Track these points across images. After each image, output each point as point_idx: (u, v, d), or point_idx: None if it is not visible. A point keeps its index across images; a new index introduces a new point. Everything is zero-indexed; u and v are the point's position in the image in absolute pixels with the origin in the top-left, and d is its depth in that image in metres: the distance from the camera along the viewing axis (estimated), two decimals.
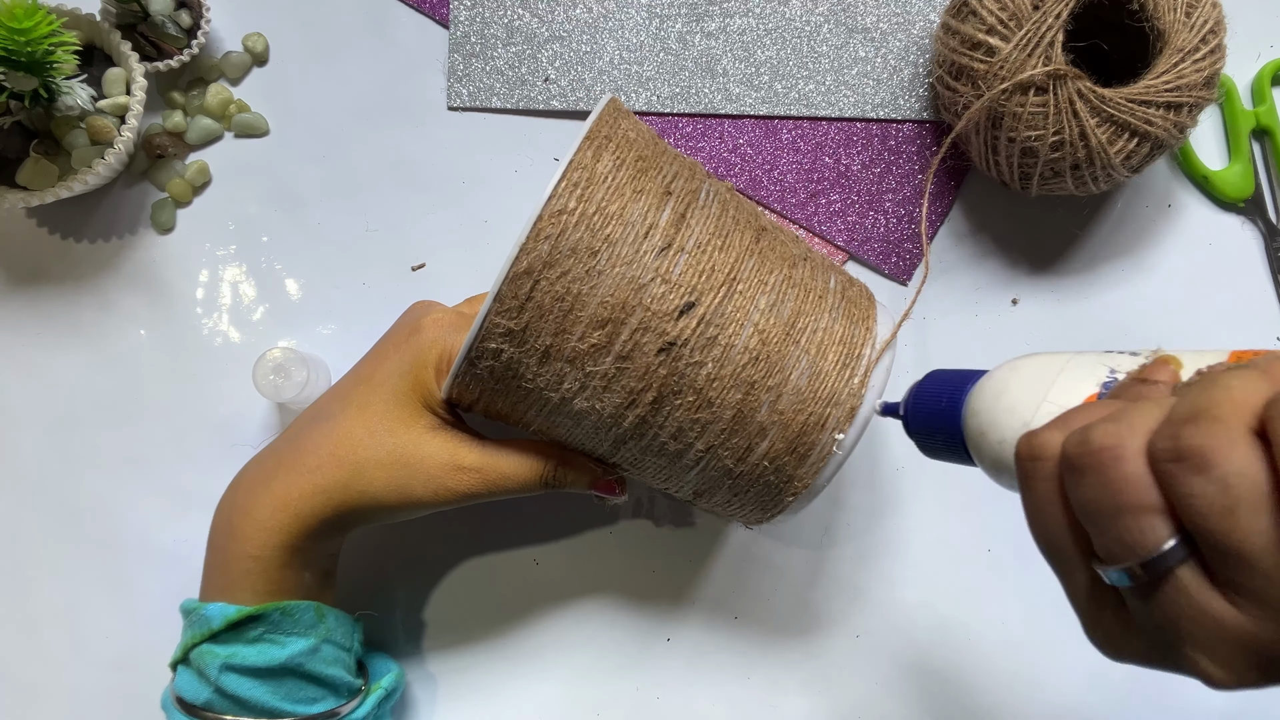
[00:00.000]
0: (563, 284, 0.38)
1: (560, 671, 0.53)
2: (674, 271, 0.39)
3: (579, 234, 0.38)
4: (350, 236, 0.56)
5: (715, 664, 0.53)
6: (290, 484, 0.43)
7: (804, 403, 0.40)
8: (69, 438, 0.54)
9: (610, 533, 0.54)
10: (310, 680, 0.44)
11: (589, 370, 0.39)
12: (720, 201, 0.42)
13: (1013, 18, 0.48)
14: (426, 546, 0.54)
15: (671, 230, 0.39)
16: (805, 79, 0.57)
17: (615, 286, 0.38)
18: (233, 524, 0.44)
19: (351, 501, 0.43)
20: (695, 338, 0.39)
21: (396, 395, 0.44)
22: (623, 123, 0.41)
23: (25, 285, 0.56)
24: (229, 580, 0.43)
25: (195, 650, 0.43)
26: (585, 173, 0.38)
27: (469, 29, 0.57)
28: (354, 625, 0.47)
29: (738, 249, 0.40)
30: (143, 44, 0.54)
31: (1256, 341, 0.56)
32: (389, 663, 0.49)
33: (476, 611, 0.53)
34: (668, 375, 0.39)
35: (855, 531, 0.54)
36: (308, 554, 0.44)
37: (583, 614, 0.53)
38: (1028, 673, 0.53)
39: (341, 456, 0.43)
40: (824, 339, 0.40)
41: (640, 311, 0.38)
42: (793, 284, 0.41)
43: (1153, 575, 0.26)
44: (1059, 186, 0.51)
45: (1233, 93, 0.57)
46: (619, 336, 0.39)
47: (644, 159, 0.40)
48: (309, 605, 0.44)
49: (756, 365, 0.39)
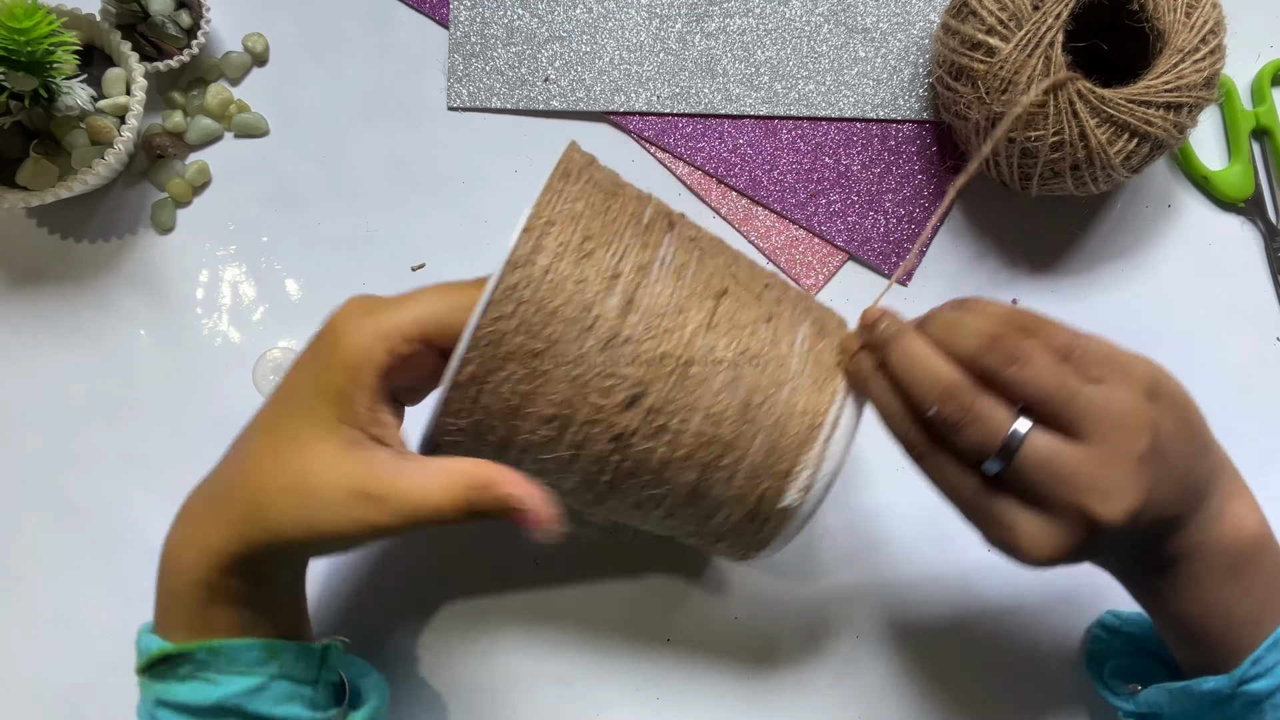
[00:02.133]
0: (508, 387, 0.37)
1: (560, 672, 0.53)
2: (619, 365, 0.38)
3: (519, 339, 0.37)
4: (350, 236, 0.56)
5: (715, 664, 0.53)
6: (201, 519, 0.40)
7: (759, 478, 0.40)
8: (69, 437, 0.54)
9: (610, 533, 0.54)
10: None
11: (543, 457, 0.39)
12: (676, 269, 0.40)
13: (1013, 18, 0.48)
14: (424, 547, 0.54)
15: (617, 320, 0.38)
16: (805, 79, 0.57)
17: (560, 385, 0.38)
18: (162, 553, 0.41)
19: (257, 537, 0.38)
20: (644, 425, 0.38)
21: (305, 411, 0.38)
22: (571, 189, 0.39)
23: (25, 285, 0.56)
24: (160, 614, 0.41)
25: (139, 679, 0.41)
26: (524, 272, 0.37)
27: (469, 29, 0.57)
28: (322, 654, 0.43)
29: (693, 324, 0.39)
30: (143, 44, 0.54)
31: (1256, 341, 0.56)
32: (372, 689, 0.45)
33: (475, 612, 0.53)
34: (621, 460, 0.39)
35: (855, 532, 0.54)
36: (233, 591, 0.39)
37: (583, 614, 0.53)
38: (1028, 672, 0.53)
39: (245, 485, 0.39)
40: (783, 413, 0.39)
41: (587, 408, 0.38)
42: (751, 359, 0.39)
43: (1015, 447, 0.36)
44: (1059, 187, 0.51)
45: (1233, 93, 0.57)
46: (569, 429, 0.38)
47: (591, 238, 0.38)
48: (250, 644, 0.40)
49: (709, 448, 0.39)
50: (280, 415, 0.40)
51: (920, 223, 0.56)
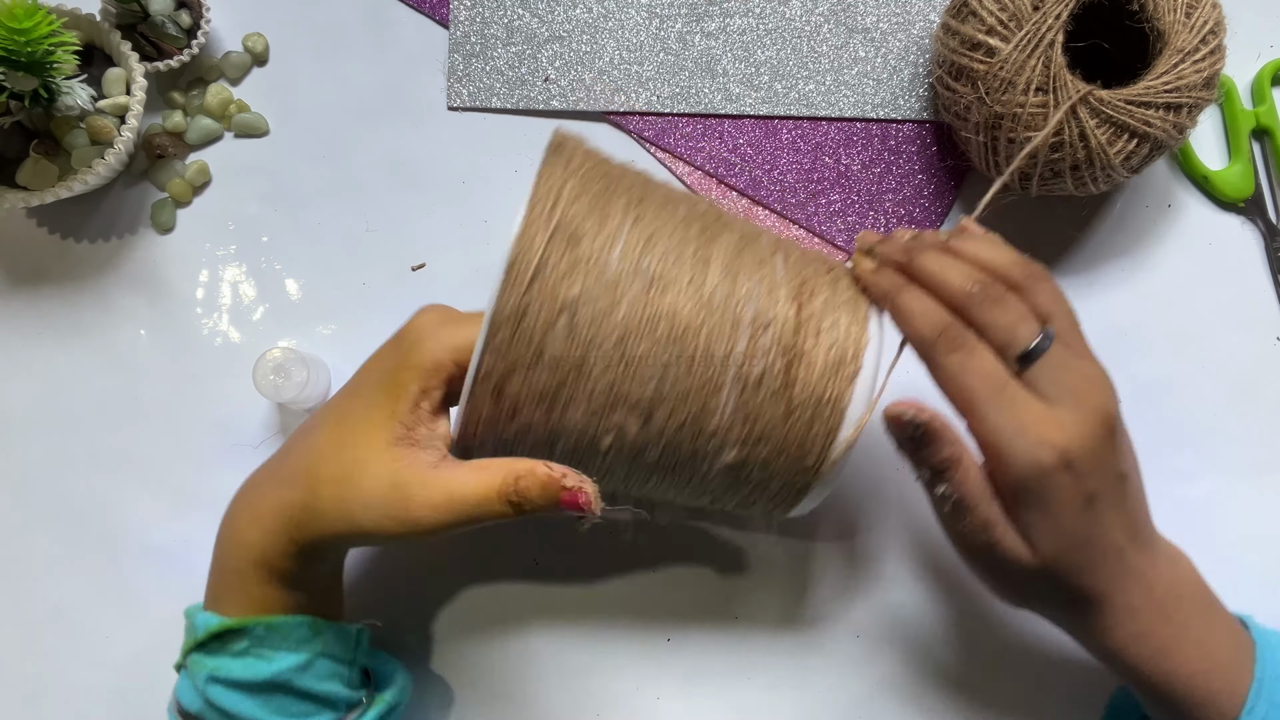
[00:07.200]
0: (531, 381, 0.38)
1: (560, 672, 0.53)
2: (645, 345, 0.38)
3: (538, 336, 0.37)
4: (350, 236, 0.56)
5: (715, 664, 0.53)
6: (265, 498, 0.41)
7: (807, 416, 0.40)
8: (69, 438, 0.54)
9: (610, 533, 0.54)
10: (301, 697, 0.42)
11: (584, 445, 0.39)
12: (679, 242, 0.40)
13: (1013, 18, 0.48)
14: (423, 547, 0.54)
15: (638, 297, 0.38)
16: (805, 79, 0.57)
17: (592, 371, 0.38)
18: (221, 533, 0.43)
19: (308, 522, 0.40)
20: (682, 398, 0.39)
21: (369, 404, 0.40)
22: (563, 173, 0.40)
23: (25, 285, 0.56)
24: (217, 591, 0.42)
25: (189, 657, 0.42)
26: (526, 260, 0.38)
27: (469, 29, 0.57)
28: (356, 637, 0.45)
29: (710, 283, 0.39)
30: (143, 44, 0.54)
31: (1256, 341, 0.56)
32: (397, 672, 0.48)
33: (475, 612, 0.53)
34: (662, 435, 0.39)
35: (855, 531, 0.54)
36: (289, 572, 0.41)
37: (583, 614, 0.53)
38: (1028, 671, 0.53)
39: (306, 471, 0.40)
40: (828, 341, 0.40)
41: (622, 388, 0.38)
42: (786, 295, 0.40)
43: (1042, 350, 0.38)
44: (1059, 187, 0.51)
45: (1233, 93, 0.57)
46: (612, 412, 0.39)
47: (591, 215, 0.39)
48: (300, 621, 0.42)
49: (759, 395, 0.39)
50: (348, 405, 0.41)
51: (920, 222, 0.56)
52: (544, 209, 0.38)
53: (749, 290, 0.39)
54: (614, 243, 0.38)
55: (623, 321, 0.38)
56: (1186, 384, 0.56)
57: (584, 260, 0.38)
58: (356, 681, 0.45)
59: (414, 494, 0.38)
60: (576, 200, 0.39)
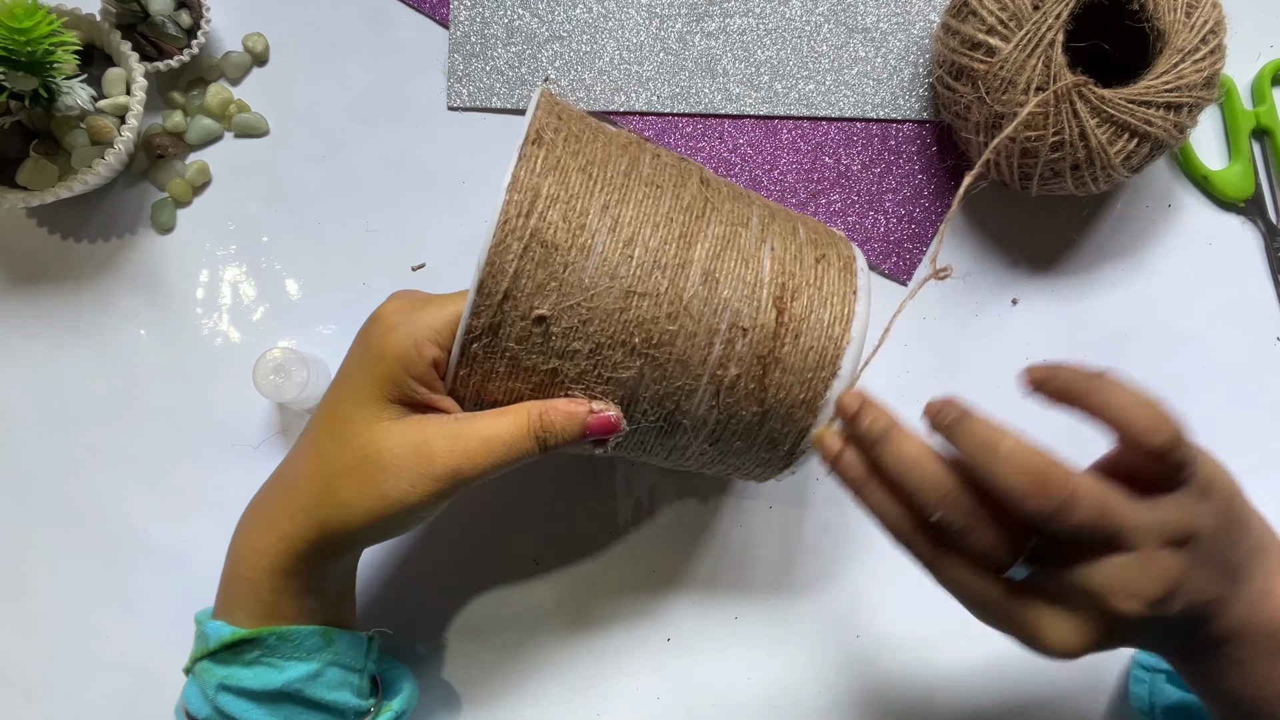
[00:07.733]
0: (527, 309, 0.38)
1: (560, 671, 0.53)
2: (642, 282, 0.39)
3: (530, 271, 0.38)
4: (350, 236, 0.56)
5: (715, 664, 0.53)
6: (277, 505, 0.42)
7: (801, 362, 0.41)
8: (69, 437, 0.54)
9: (610, 533, 0.54)
10: (311, 706, 0.42)
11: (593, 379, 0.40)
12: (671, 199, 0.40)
13: (1013, 18, 0.48)
14: (422, 548, 0.54)
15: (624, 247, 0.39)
16: (805, 79, 0.57)
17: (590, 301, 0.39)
18: (233, 542, 0.43)
19: (331, 519, 0.40)
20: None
21: (358, 396, 0.40)
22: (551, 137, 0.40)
23: (25, 285, 0.56)
24: (228, 600, 0.42)
25: (199, 665, 0.42)
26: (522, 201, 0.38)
27: (469, 29, 0.57)
28: (367, 644, 0.45)
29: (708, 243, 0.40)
30: (143, 44, 0.54)
31: (1256, 341, 0.56)
32: (404, 679, 0.48)
33: (475, 612, 0.53)
34: (658, 363, 0.39)
35: (855, 531, 0.54)
36: (303, 578, 0.41)
37: (583, 614, 0.53)
38: (1028, 671, 0.53)
39: (315, 471, 0.41)
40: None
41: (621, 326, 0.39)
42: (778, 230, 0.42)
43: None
44: (1059, 186, 0.51)
45: (1233, 93, 0.57)
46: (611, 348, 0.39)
47: (586, 168, 0.40)
48: (313, 630, 0.42)
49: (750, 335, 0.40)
50: (336, 403, 0.41)
51: (920, 222, 0.56)
52: (519, 211, 0.38)
53: (728, 296, 0.39)
54: (589, 252, 0.38)
55: (597, 332, 0.38)
56: (1186, 384, 0.56)
57: (559, 269, 0.38)
58: (366, 690, 0.45)
59: (438, 448, 0.38)
60: (552, 206, 0.38)
